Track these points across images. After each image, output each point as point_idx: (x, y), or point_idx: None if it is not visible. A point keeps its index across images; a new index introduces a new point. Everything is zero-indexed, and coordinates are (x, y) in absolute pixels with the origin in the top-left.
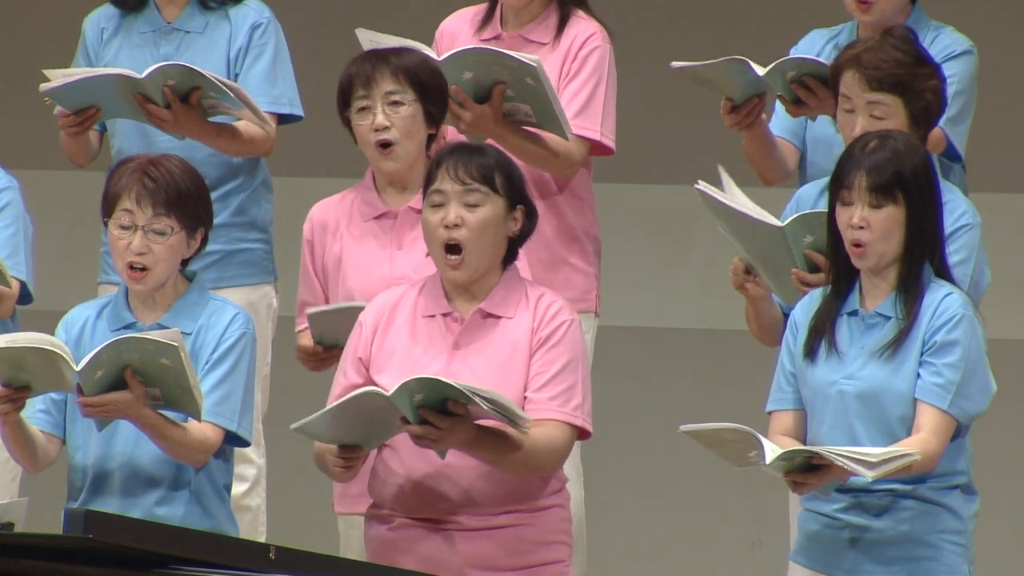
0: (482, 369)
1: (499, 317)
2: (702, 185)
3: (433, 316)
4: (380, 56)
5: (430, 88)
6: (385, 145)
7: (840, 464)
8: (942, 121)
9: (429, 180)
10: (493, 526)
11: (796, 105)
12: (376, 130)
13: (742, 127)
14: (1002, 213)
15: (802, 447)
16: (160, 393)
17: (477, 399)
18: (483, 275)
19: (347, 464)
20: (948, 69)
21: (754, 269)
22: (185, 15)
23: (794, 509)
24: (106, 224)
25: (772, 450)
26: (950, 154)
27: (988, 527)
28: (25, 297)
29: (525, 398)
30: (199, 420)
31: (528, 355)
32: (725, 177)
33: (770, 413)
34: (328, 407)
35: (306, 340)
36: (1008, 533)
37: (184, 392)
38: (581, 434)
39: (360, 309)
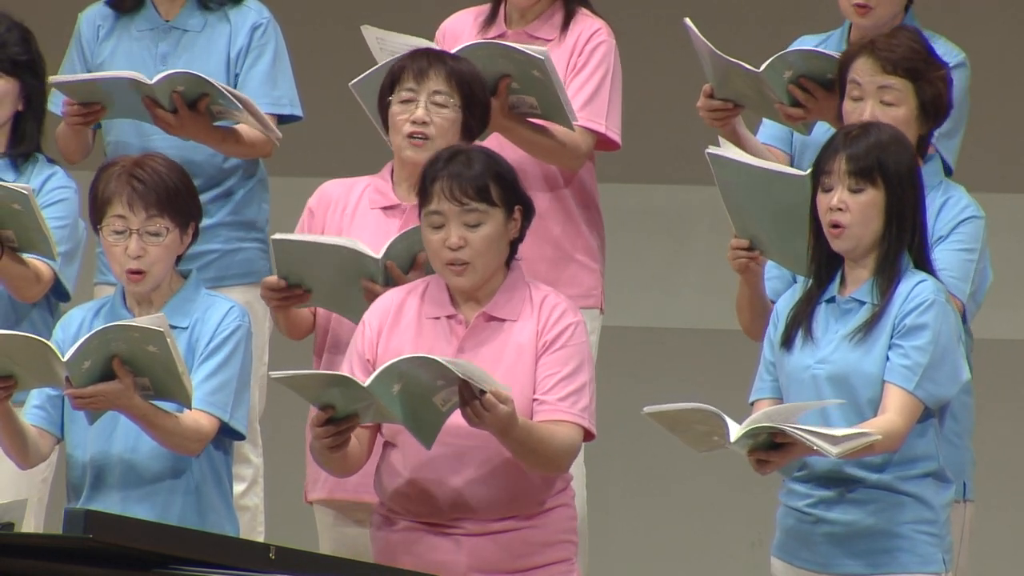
0: (488, 373)
1: (503, 320)
2: (714, 148)
3: (438, 318)
4: (438, 56)
5: (475, 100)
6: (418, 136)
7: (803, 440)
8: (935, 136)
9: (424, 197)
10: (497, 530)
11: (794, 107)
12: (414, 122)
13: (711, 119)
14: (1001, 213)
15: (766, 424)
16: (150, 383)
17: (453, 369)
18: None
19: (335, 440)
20: None
21: (757, 244)
22: (184, 13)
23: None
24: (97, 230)
25: (736, 428)
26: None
27: (987, 526)
28: (62, 293)
29: (534, 400)
30: (189, 408)
31: (534, 358)
32: (726, 143)
33: (752, 403)
34: (315, 371)
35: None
36: (1007, 532)
37: (173, 379)
38: (586, 436)
39: (335, 247)
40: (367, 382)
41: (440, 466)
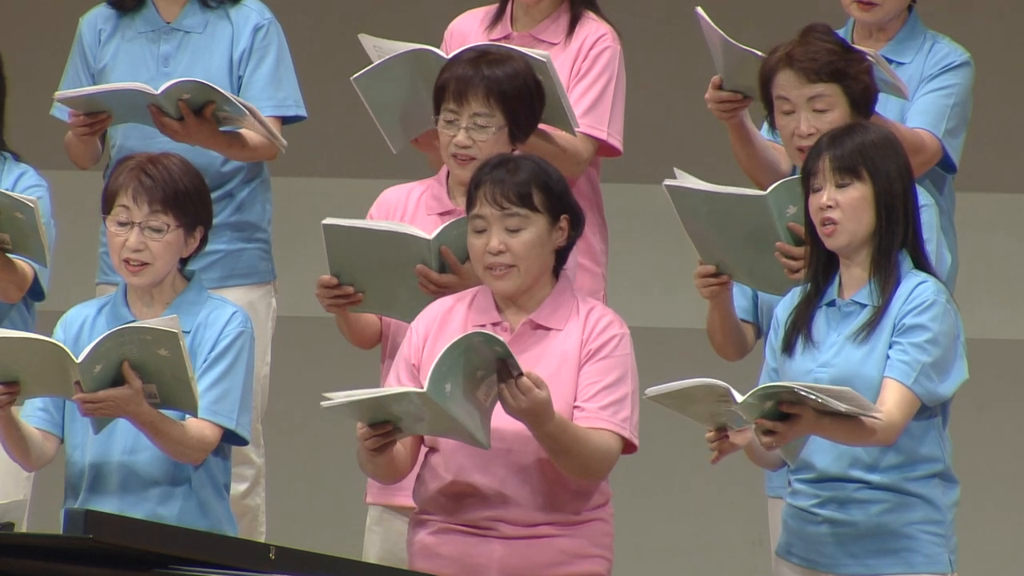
0: None
1: (549, 329)
2: (670, 181)
3: (483, 326)
4: (476, 68)
5: (520, 109)
6: (462, 157)
7: (812, 397)
8: (940, 132)
9: (470, 202)
10: (532, 535)
11: None
12: (457, 145)
13: (719, 111)
14: (1000, 214)
15: (776, 383)
16: (156, 390)
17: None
18: (532, 286)
19: (377, 442)
20: (946, 80)
21: (724, 268)
22: (184, 14)
23: (773, 508)
24: (106, 221)
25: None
26: (945, 165)
27: (983, 525)
28: (37, 293)
29: (575, 408)
30: (195, 416)
31: (577, 368)
32: (682, 174)
33: None
34: (362, 395)
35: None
36: (1004, 531)
37: (181, 385)
38: (627, 448)
39: (385, 232)
40: (426, 386)
41: (477, 467)
